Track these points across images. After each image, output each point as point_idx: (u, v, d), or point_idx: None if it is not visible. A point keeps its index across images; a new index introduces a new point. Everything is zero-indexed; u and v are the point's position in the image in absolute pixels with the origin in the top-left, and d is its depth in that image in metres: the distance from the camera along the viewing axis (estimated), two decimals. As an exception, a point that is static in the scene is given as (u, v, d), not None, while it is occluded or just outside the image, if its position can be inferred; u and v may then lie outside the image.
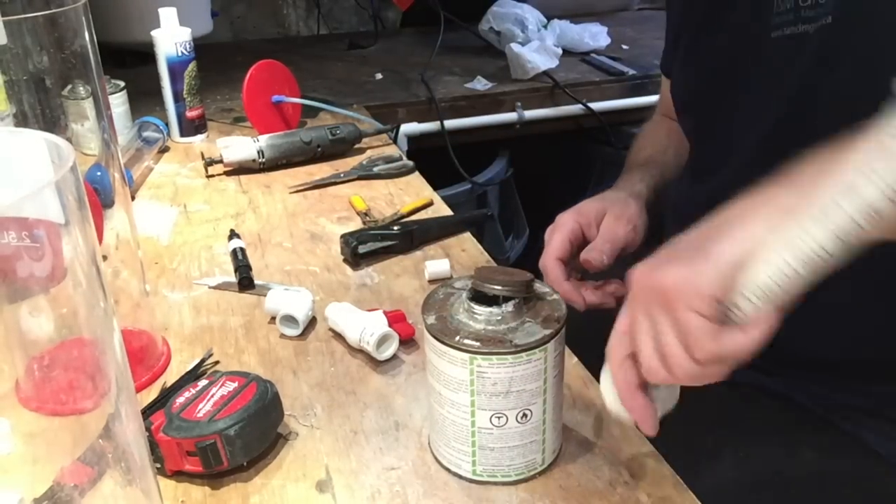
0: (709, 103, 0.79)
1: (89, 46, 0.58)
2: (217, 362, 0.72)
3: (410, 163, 1.14)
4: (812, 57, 0.65)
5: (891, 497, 0.67)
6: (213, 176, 1.13)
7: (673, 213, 0.87)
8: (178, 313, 0.80)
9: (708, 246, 0.47)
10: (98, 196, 0.63)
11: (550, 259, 0.75)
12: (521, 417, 0.56)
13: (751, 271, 0.46)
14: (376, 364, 0.71)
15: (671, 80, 0.89)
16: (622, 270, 0.78)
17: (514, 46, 1.61)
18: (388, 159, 1.14)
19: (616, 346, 0.53)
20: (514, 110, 1.57)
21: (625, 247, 0.77)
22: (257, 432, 0.59)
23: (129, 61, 1.58)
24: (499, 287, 0.56)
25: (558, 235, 0.76)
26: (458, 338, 0.54)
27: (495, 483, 0.58)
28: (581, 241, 0.77)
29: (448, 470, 0.59)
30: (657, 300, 0.49)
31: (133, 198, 1.06)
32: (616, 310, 0.77)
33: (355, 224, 0.98)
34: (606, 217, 0.78)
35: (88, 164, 0.63)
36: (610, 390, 0.56)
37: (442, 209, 1.03)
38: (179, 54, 1.22)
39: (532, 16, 1.76)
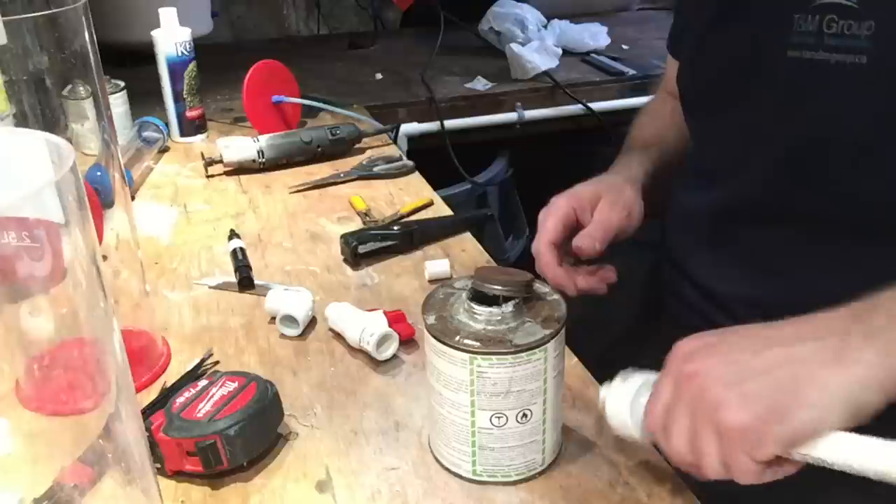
0: (712, 107, 0.77)
1: (89, 46, 0.58)
2: (217, 362, 0.72)
3: (410, 163, 1.14)
4: (838, 90, 0.63)
5: (893, 500, 0.67)
6: (213, 176, 1.13)
7: (678, 219, 0.86)
8: (178, 313, 0.80)
9: (782, 403, 0.47)
10: (98, 196, 0.63)
11: (544, 243, 0.74)
12: (521, 417, 0.56)
13: (819, 445, 0.47)
14: (376, 364, 0.71)
15: (681, 72, 0.86)
16: (614, 256, 0.77)
17: (514, 46, 1.61)
18: (388, 159, 1.14)
19: (658, 419, 0.53)
20: (514, 110, 1.57)
21: (618, 233, 0.76)
22: (257, 432, 0.59)
23: (129, 61, 1.58)
24: (499, 287, 0.56)
25: (552, 219, 0.75)
26: (458, 338, 0.54)
27: (495, 483, 0.58)
28: (574, 225, 0.75)
29: (448, 470, 0.59)
30: (713, 427, 0.49)
31: (133, 198, 1.06)
32: (607, 298, 0.77)
33: (355, 224, 0.98)
34: (601, 202, 0.76)
35: (88, 164, 0.63)
36: (625, 417, 0.56)
37: (442, 209, 1.03)
38: (179, 54, 1.22)
39: (532, 16, 1.76)
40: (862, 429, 0.48)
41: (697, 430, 0.50)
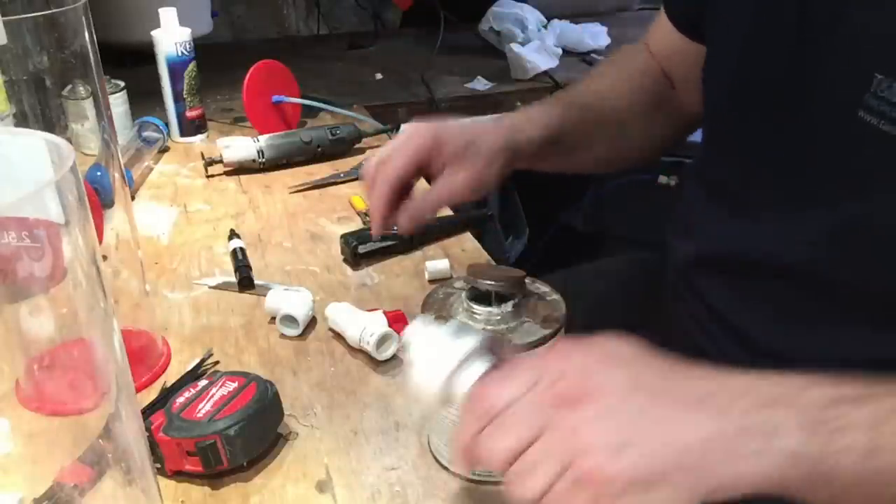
0: (748, 131, 0.68)
1: (89, 46, 0.58)
2: (217, 362, 0.72)
3: (410, 163, 1.14)
4: None
5: None
6: (213, 176, 1.13)
7: (686, 223, 0.78)
8: (178, 313, 0.80)
9: (658, 473, 0.40)
10: (98, 196, 0.63)
11: (392, 178, 0.69)
12: (521, 417, 0.56)
13: None
14: (376, 364, 0.71)
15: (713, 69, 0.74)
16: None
17: (514, 46, 1.61)
18: (388, 159, 1.14)
19: (496, 406, 0.44)
20: (514, 110, 1.57)
21: (452, 202, 0.72)
22: (257, 432, 0.59)
23: (129, 61, 1.58)
24: (490, 283, 0.56)
25: (406, 154, 0.69)
26: (457, 338, 0.54)
27: (495, 482, 0.58)
28: (426, 163, 0.70)
29: (447, 469, 0.59)
30: (567, 458, 0.41)
31: (133, 198, 1.06)
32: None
33: (355, 224, 0.98)
34: (460, 165, 0.70)
35: (88, 164, 0.63)
36: (440, 378, 0.48)
37: (442, 209, 1.03)
38: (179, 54, 1.22)
39: (532, 16, 1.76)
40: None
41: (548, 450, 0.42)
